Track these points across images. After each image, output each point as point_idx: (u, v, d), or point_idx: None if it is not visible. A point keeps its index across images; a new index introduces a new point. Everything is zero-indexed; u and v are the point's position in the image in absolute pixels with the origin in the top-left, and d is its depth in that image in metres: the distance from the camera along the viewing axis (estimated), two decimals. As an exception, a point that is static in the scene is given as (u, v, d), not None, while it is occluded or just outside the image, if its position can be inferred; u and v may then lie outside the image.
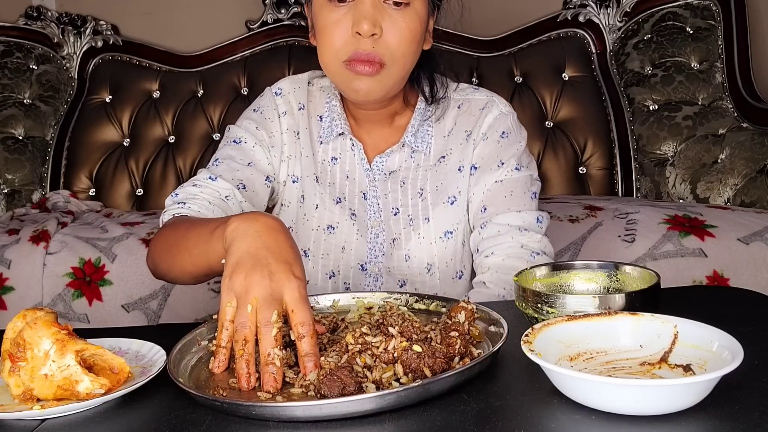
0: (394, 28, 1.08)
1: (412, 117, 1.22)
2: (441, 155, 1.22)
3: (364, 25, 1.05)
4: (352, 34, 1.07)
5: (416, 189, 1.21)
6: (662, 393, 0.59)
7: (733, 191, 2.10)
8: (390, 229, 1.20)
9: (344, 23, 1.07)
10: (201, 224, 0.95)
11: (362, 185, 1.22)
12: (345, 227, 1.20)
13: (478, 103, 1.23)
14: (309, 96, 1.26)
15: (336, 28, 1.08)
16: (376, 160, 1.21)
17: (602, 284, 0.90)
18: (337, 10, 1.08)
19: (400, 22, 1.08)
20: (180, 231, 1.01)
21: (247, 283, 0.76)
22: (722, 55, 2.40)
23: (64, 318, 1.81)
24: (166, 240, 1.05)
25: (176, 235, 1.02)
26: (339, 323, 0.87)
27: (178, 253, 0.99)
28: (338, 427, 0.63)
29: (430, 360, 0.69)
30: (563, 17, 2.63)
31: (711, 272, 1.72)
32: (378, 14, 1.06)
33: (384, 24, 1.07)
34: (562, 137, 2.50)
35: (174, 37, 2.76)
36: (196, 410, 0.68)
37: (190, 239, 0.96)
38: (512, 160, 1.18)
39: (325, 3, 1.09)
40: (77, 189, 2.57)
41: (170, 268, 1.04)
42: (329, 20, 1.09)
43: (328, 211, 1.21)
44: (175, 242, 1.00)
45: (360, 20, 1.05)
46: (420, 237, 1.20)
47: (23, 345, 0.71)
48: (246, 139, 1.21)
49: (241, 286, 0.76)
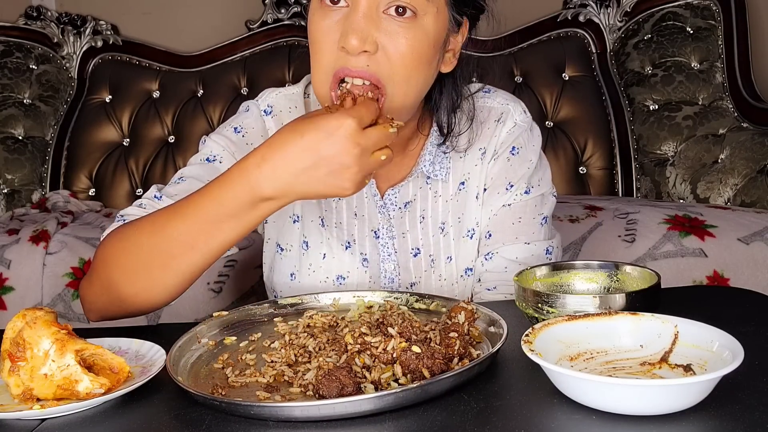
0: (393, 44, 0.89)
1: (427, 141, 1.06)
2: (460, 181, 1.08)
3: (352, 40, 0.86)
4: (339, 46, 0.89)
5: (437, 224, 1.08)
6: (662, 393, 0.59)
7: (734, 191, 2.10)
8: (409, 273, 1.08)
9: (334, 33, 0.90)
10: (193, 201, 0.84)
11: (373, 222, 1.07)
12: (356, 276, 1.08)
13: (493, 113, 1.08)
14: (307, 112, 1.07)
15: (325, 38, 0.90)
16: (388, 193, 1.06)
17: (602, 284, 0.90)
18: (329, 16, 0.90)
19: (401, 38, 0.89)
20: (160, 222, 0.85)
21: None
22: (722, 55, 2.40)
23: (64, 318, 1.81)
24: (133, 249, 0.86)
25: (158, 230, 0.85)
26: (339, 322, 0.87)
27: (170, 252, 0.84)
28: (338, 426, 0.63)
29: (429, 361, 0.69)
30: (563, 17, 2.62)
31: (711, 272, 1.72)
32: (372, 26, 0.88)
33: (381, 38, 0.89)
34: (562, 137, 2.50)
35: (174, 37, 2.76)
36: (196, 409, 0.68)
37: (195, 217, 0.83)
38: (522, 182, 1.06)
39: (317, 6, 0.92)
40: (77, 189, 2.57)
41: (151, 284, 0.86)
42: (319, 28, 0.91)
43: (337, 260, 1.07)
44: (160, 239, 0.84)
45: (348, 33, 0.87)
46: (441, 279, 1.08)
47: (23, 345, 0.71)
48: (222, 159, 1.02)
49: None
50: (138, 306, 0.89)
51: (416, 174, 1.06)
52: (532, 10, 2.63)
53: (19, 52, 2.67)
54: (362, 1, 0.88)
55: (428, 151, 1.06)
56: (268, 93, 1.09)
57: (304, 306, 0.95)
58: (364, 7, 0.88)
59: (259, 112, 1.08)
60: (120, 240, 0.88)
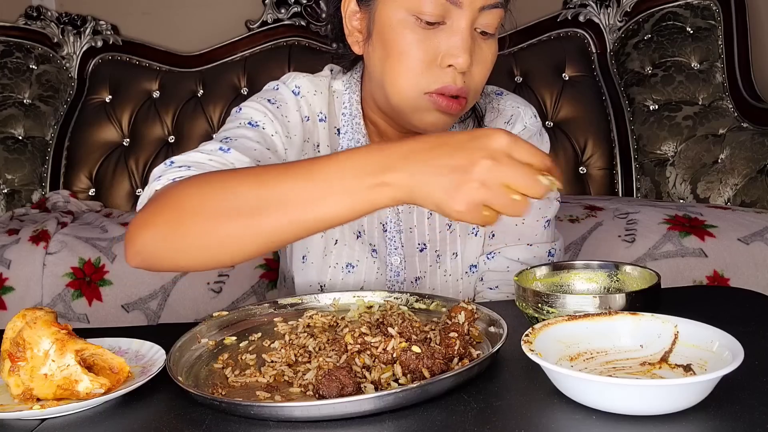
0: (482, 60, 0.94)
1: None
2: None
3: (462, 59, 0.90)
4: (439, 63, 0.91)
5: (445, 220, 1.09)
6: (662, 393, 0.59)
7: (734, 191, 2.10)
8: (414, 267, 1.09)
9: (432, 48, 0.91)
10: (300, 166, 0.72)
11: (381, 215, 1.08)
12: (365, 265, 1.08)
13: (503, 115, 1.10)
14: (330, 99, 1.08)
15: (421, 52, 0.92)
16: None
17: (602, 284, 0.90)
18: (426, 33, 0.92)
19: (487, 54, 0.95)
20: (252, 177, 0.73)
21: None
22: (722, 55, 2.40)
23: (64, 318, 1.81)
24: (230, 196, 0.73)
25: (245, 182, 0.73)
26: (339, 322, 0.87)
27: (275, 207, 0.71)
28: (338, 426, 0.63)
29: (429, 361, 0.69)
30: (563, 17, 2.63)
31: (711, 272, 1.72)
32: (473, 45, 0.92)
33: (474, 56, 0.93)
34: (562, 137, 2.50)
35: (174, 37, 2.76)
36: (196, 409, 0.68)
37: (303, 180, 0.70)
38: None
39: (409, 20, 0.92)
40: (77, 189, 2.57)
41: (237, 235, 0.72)
42: (413, 41, 0.92)
43: (348, 246, 1.08)
44: (267, 192, 0.71)
45: (458, 52, 0.90)
46: (446, 274, 1.10)
47: (23, 345, 0.71)
48: (265, 125, 0.99)
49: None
50: (203, 260, 0.76)
51: None
52: (532, 10, 2.63)
53: (19, 52, 2.67)
54: (468, 21, 0.91)
55: None
56: (295, 75, 1.07)
57: (304, 306, 0.95)
58: (469, 27, 0.91)
59: (289, 91, 1.05)
60: (207, 184, 0.76)
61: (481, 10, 0.91)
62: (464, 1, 0.90)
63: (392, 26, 0.93)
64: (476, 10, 0.91)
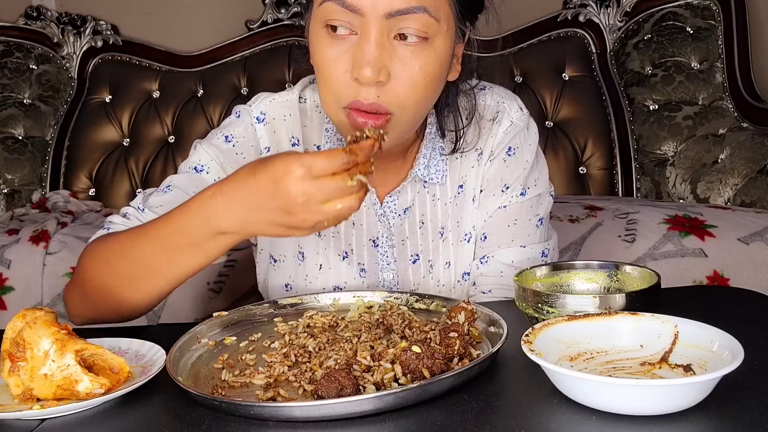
0: (406, 71, 0.86)
1: (422, 144, 1.03)
2: (459, 184, 1.06)
3: (366, 72, 0.84)
4: (352, 77, 0.86)
5: (437, 229, 1.06)
6: (662, 393, 0.59)
7: (734, 191, 2.10)
8: (407, 280, 1.07)
9: (343, 62, 0.87)
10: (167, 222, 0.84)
11: (372, 232, 1.05)
12: (353, 287, 1.06)
13: (488, 112, 1.05)
14: (303, 119, 1.05)
15: (334, 67, 0.87)
16: (387, 201, 1.04)
17: (602, 284, 0.90)
18: (336, 45, 0.87)
19: (413, 64, 0.86)
20: (129, 241, 0.87)
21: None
22: (722, 55, 2.40)
23: (64, 318, 1.80)
24: (104, 267, 0.89)
25: (128, 247, 0.87)
26: (339, 322, 0.87)
27: (136, 274, 0.86)
28: (338, 426, 0.63)
29: (429, 361, 0.69)
30: (563, 17, 2.62)
31: (711, 272, 1.72)
32: (385, 55, 0.85)
33: (393, 67, 0.86)
34: (562, 137, 2.50)
35: (174, 37, 2.76)
36: (196, 410, 0.68)
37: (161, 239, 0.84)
38: (517, 183, 1.04)
39: (322, 33, 0.88)
40: (77, 189, 2.57)
41: (120, 300, 0.88)
42: (326, 57, 0.88)
43: (334, 270, 1.06)
44: (127, 261, 0.86)
45: (361, 64, 0.84)
46: (440, 285, 1.07)
47: (23, 345, 0.71)
48: (209, 169, 1.01)
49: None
50: (110, 318, 0.93)
51: (412, 178, 1.03)
52: (532, 10, 2.63)
53: (19, 52, 2.67)
54: (372, 30, 0.85)
55: (422, 154, 1.03)
56: (262, 98, 1.06)
57: (304, 306, 0.95)
58: (375, 36, 0.85)
59: (251, 119, 1.04)
60: (96, 254, 0.92)
61: (390, 16, 0.84)
62: (365, 9, 0.84)
63: (312, 40, 0.92)
64: (381, 17, 0.84)
